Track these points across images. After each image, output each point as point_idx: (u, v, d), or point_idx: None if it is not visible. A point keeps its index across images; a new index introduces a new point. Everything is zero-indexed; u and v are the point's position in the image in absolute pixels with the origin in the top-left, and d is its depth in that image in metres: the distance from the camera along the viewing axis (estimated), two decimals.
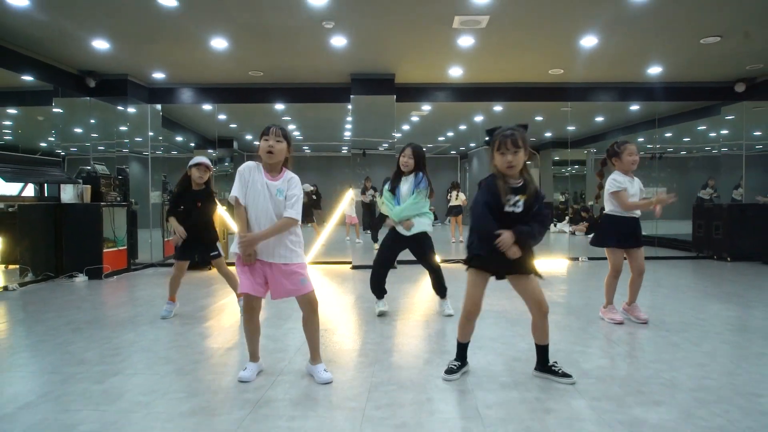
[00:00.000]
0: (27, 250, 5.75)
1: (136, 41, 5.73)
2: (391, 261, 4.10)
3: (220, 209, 5.67)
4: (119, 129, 7.19)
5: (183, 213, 3.94)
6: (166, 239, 7.55)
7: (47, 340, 3.38)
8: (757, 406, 2.24)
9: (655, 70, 7.02)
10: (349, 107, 7.38)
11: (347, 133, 9.23)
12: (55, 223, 6.04)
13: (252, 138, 11.76)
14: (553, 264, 7.19)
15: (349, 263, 7.15)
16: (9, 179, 5.39)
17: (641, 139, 9.57)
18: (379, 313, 4.02)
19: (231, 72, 7.01)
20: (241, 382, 2.56)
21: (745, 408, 2.22)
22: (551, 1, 4.69)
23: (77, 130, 7.07)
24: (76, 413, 2.20)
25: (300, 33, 5.48)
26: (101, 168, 6.66)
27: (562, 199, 12.58)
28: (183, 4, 4.65)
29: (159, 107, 7.71)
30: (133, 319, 3.96)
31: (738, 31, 5.45)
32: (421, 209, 3.84)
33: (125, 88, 7.08)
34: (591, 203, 11.52)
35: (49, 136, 6.71)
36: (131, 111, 7.27)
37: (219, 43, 5.74)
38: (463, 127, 10.83)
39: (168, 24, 5.15)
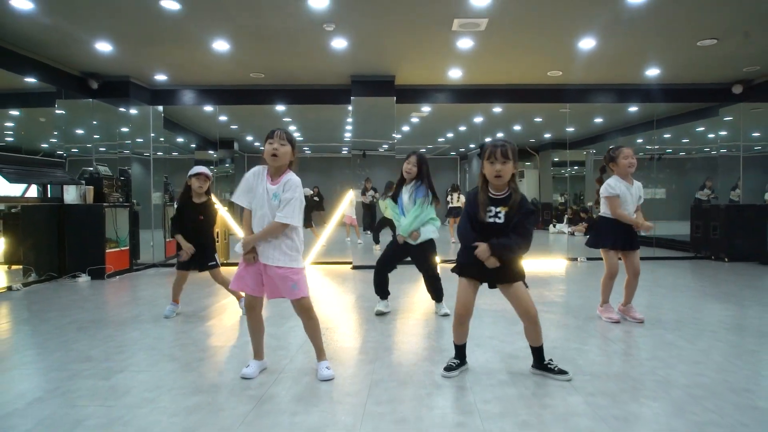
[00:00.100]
0: (30, 250, 5.79)
1: (138, 43, 5.78)
2: (393, 263, 4.13)
3: (221, 210, 5.73)
4: (121, 130, 7.24)
5: (186, 227, 4.00)
6: (167, 240, 7.61)
7: (53, 338, 3.43)
8: (749, 401, 2.29)
9: (653, 71, 7.08)
10: (350, 108, 7.44)
11: (347, 135, 9.27)
12: (58, 224, 6.10)
13: (253, 139, 11.82)
14: (552, 264, 7.25)
15: (350, 263, 7.21)
16: (13, 180, 5.44)
17: (640, 140, 9.62)
18: (377, 312, 4.07)
19: (232, 74, 7.07)
20: (244, 378, 2.62)
21: (737, 403, 2.27)
22: (550, 4, 4.75)
23: (79, 131, 7.11)
24: (83, 408, 2.26)
25: (301, 35, 5.53)
26: (104, 169, 6.72)
27: (561, 200, 12.62)
28: (185, 6, 4.71)
29: (160, 109, 7.76)
30: (137, 318, 4.02)
31: (734, 34, 5.51)
32: (426, 218, 3.87)
33: (127, 89, 7.14)
34: (590, 204, 11.55)
35: (51, 137, 6.77)
36: (133, 112, 7.33)
37: (220, 45, 5.80)
38: (463, 129, 10.87)
39: (170, 26, 5.21)
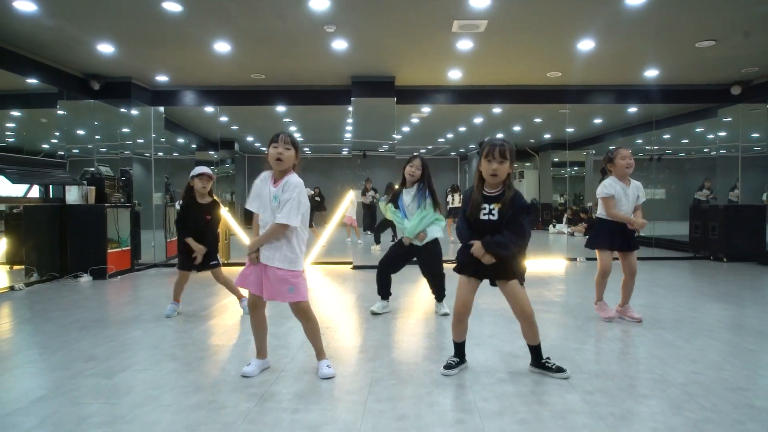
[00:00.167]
0: (32, 250, 5.82)
1: (140, 45, 5.82)
2: (397, 264, 4.13)
3: (222, 211, 5.75)
4: (122, 131, 7.27)
5: (193, 226, 4.01)
6: (168, 240, 7.64)
7: (55, 337, 3.46)
8: (744, 399, 2.32)
9: (652, 73, 7.11)
10: (350, 109, 7.47)
11: (348, 135, 9.31)
12: (60, 224, 6.12)
13: (253, 140, 11.86)
14: (552, 264, 7.27)
15: (350, 263, 7.24)
16: (16, 181, 5.47)
17: (639, 141, 9.64)
18: (372, 312, 4.07)
19: (233, 75, 7.11)
20: (244, 377, 2.64)
21: (733, 401, 2.30)
22: (549, 6, 4.78)
23: (80, 132, 7.15)
24: (87, 406, 2.29)
25: (301, 37, 5.56)
26: (105, 170, 6.75)
27: (561, 201, 12.65)
28: (187, 9, 4.74)
29: (162, 109, 7.79)
30: (139, 318, 4.05)
31: (732, 36, 5.54)
32: (432, 219, 3.88)
33: (129, 90, 7.18)
34: (590, 204, 11.58)
35: (52, 137, 6.80)
36: (134, 113, 7.36)
37: (222, 47, 5.83)
38: (463, 129, 10.92)
39: (172, 28, 5.24)
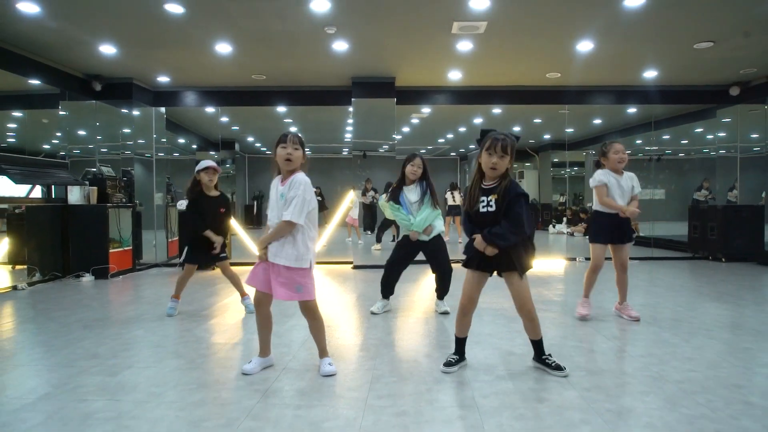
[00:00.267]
0: (35, 250, 5.86)
1: (141, 46, 5.86)
2: (406, 261, 4.16)
3: None
4: (123, 131, 7.31)
5: (204, 218, 4.04)
6: (169, 240, 7.68)
7: (59, 336, 3.50)
8: (739, 396, 2.36)
9: (651, 74, 7.15)
10: (350, 110, 7.51)
11: (348, 136, 9.35)
12: (62, 224, 6.16)
13: (254, 140, 11.90)
14: (551, 264, 7.31)
15: (351, 263, 7.27)
16: (18, 181, 5.51)
17: (639, 142, 9.68)
18: (372, 313, 4.10)
19: (234, 75, 7.15)
20: (244, 374, 2.67)
21: (728, 398, 2.33)
22: (548, 7, 4.82)
23: (82, 132, 7.19)
24: (92, 403, 2.32)
25: (302, 38, 5.61)
26: (107, 170, 6.79)
27: (560, 201, 12.68)
28: (189, 10, 4.78)
29: (163, 110, 7.83)
30: (141, 317, 4.08)
31: (730, 37, 5.58)
32: (437, 213, 3.95)
33: (130, 91, 7.22)
34: (589, 204, 11.61)
35: (54, 138, 6.84)
36: (136, 114, 7.40)
37: (223, 48, 5.87)
38: (463, 130, 10.95)
39: (173, 29, 5.28)
